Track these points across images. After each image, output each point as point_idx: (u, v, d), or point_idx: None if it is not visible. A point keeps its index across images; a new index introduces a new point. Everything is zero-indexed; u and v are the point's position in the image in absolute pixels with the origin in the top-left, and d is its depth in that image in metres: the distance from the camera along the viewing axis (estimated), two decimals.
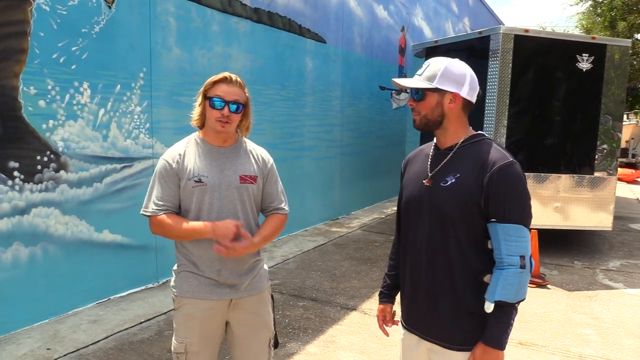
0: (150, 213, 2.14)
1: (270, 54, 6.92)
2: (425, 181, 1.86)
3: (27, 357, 3.60)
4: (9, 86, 3.82)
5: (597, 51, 6.40)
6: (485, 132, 6.18)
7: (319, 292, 5.15)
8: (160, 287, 5.13)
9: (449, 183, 1.79)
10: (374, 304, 4.75)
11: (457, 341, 1.80)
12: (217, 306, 2.18)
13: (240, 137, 2.29)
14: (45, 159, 4.11)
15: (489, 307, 1.70)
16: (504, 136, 6.30)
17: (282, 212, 2.34)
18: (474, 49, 6.70)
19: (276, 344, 2.36)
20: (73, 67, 4.26)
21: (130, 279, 4.91)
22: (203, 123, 2.21)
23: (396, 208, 2.11)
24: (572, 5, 40.77)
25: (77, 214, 4.38)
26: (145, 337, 3.96)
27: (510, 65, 6.21)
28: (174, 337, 2.22)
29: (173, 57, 5.27)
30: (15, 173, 3.89)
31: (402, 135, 9.75)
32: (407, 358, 2.02)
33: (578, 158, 6.54)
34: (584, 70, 6.39)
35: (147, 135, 5.01)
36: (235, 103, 2.11)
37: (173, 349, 2.21)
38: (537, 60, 6.42)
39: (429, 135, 1.89)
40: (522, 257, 1.70)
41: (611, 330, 4.37)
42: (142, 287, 5.04)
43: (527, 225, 1.74)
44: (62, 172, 4.24)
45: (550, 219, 6.49)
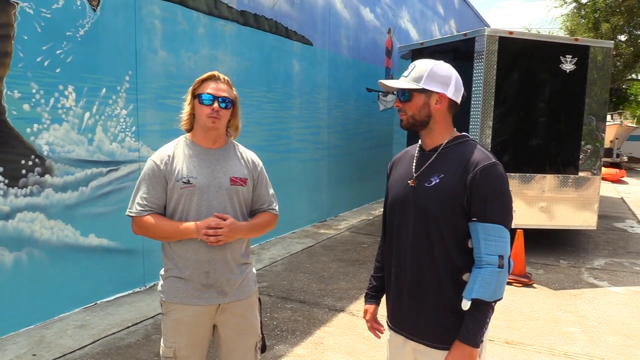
0: (135, 213, 2.13)
1: (257, 57, 6.92)
2: (410, 182, 1.88)
3: None
4: None
5: (581, 53, 6.49)
6: (471, 134, 6.29)
7: (307, 294, 5.16)
8: (147, 290, 5.10)
9: (433, 183, 1.81)
10: (362, 306, 4.70)
11: (442, 340, 1.82)
12: (205, 311, 2.18)
13: (230, 140, 2.29)
14: (30, 163, 4.07)
15: (465, 304, 1.72)
16: (490, 137, 6.36)
17: (272, 212, 2.35)
18: (460, 51, 6.76)
19: (263, 348, 2.37)
20: (58, 70, 4.23)
21: (117, 283, 4.87)
22: (192, 125, 2.21)
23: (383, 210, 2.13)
24: (556, 7, 41.36)
25: (63, 218, 4.34)
26: (133, 342, 3.94)
27: (495, 66, 6.27)
28: (162, 342, 2.22)
29: (159, 60, 5.24)
30: (0, 177, 3.86)
31: (389, 137, 9.80)
32: (394, 358, 2.03)
33: (562, 158, 6.63)
34: (568, 71, 6.48)
35: (133, 139, 4.98)
36: (224, 99, 2.12)
37: (162, 353, 2.21)
38: (522, 61, 6.50)
39: (415, 136, 1.92)
40: (501, 257, 1.72)
41: (596, 328, 4.43)
42: (129, 291, 5.01)
43: (508, 226, 1.76)
44: (47, 176, 4.20)
45: (535, 218, 6.57)
